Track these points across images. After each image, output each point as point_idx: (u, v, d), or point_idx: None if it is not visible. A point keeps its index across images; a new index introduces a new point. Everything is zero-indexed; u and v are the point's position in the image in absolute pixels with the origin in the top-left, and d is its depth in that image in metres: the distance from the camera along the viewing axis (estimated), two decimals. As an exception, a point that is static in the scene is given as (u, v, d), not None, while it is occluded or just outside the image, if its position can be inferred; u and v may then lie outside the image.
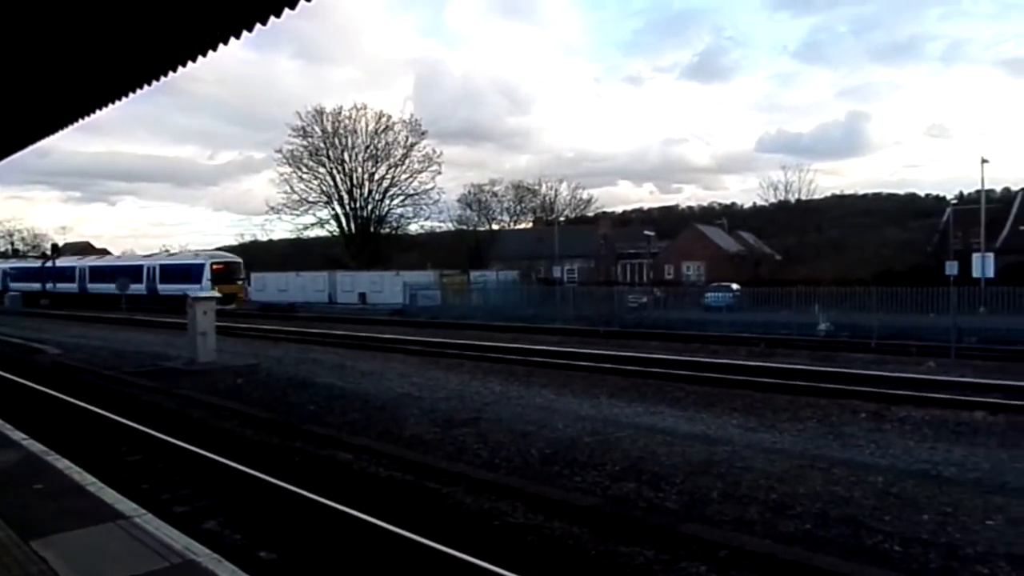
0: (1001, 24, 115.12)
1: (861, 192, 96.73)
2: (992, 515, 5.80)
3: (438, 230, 69.62)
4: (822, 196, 71.53)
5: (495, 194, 77.09)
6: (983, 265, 21.97)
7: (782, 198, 63.73)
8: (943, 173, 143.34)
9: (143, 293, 46.13)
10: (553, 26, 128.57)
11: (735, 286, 38.69)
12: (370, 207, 60.34)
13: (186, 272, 44.71)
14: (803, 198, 63.84)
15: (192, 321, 16.51)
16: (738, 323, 29.01)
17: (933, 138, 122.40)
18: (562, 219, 74.10)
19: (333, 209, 60.63)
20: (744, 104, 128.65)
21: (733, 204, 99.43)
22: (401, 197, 60.50)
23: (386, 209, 60.91)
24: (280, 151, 58.82)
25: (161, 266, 47.51)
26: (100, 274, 51.51)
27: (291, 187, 59.29)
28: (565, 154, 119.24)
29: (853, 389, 11.36)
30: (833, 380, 12.42)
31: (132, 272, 47.22)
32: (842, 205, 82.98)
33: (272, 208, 60.40)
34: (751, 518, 5.90)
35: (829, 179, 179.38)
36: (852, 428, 9.07)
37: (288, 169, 59.04)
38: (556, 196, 78.23)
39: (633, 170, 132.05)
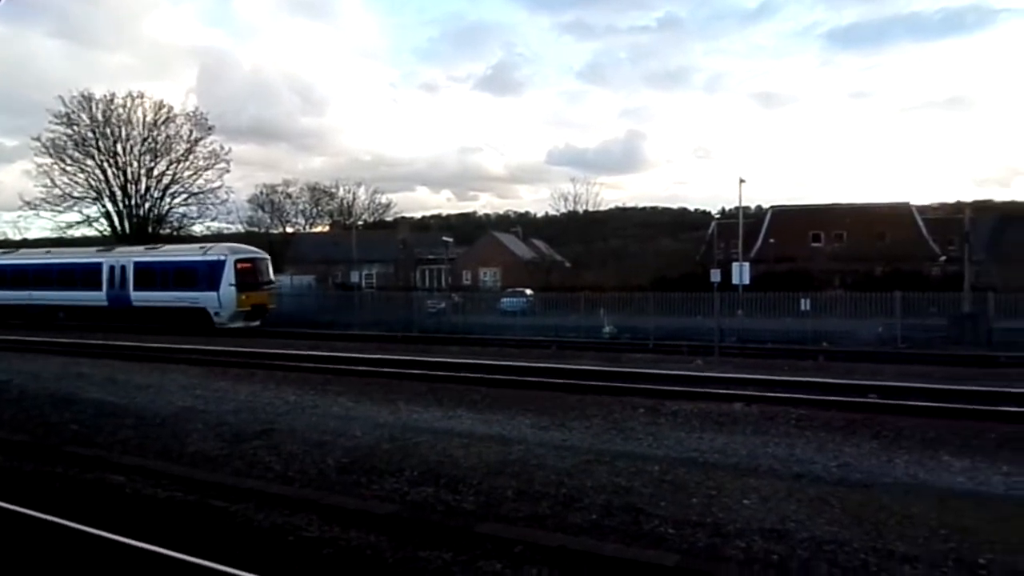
0: (752, 61, 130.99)
1: (640, 205, 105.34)
2: (748, 494, 6.52)
3: (226, 231, 65.43)
4: (607, 208, 77.07)
5: (289, 195, 74.32)
6: (740, 273, 24.73)
7: (571, 209, 67.57)
8: (709, 190, 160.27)
9: (102, 304, 31.84)
10: (349, 27, 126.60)
11: (529, 292, 40.28)
12: (148, 205, 55.35)
13: (188, 273, 30.06)
14: (590, 209, 68.27)
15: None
16: (532, 327, 30.28)
17: (699, 159, 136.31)
18: (360, 223, 72.97)
19: (104, 206, 54.78)
20: (536, 118, 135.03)
21: (527, 213, 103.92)
22: (184, 195, 56.11)
23: (167, 208, 56.19)
24: (39, 139, 51.98)
25: (140, 264, 31.52)
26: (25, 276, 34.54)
27: (52, 180, 52.48)
28: (362, 157, 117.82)
29: (633, 387, 12.27)
30: (616, 379, 13.35)
31: (81, 273, 32.62)
32: (624, 217, 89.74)
33: (28, 203, 53.20)
34: (543, 513, 6.16)
35: (612, 192, 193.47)
36: (632, 423, 9.78)
37: (48, 160, 52.21)
38: (354, 199, 77.01)
39: (431, 176, 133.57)
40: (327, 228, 75.08)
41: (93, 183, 53.95)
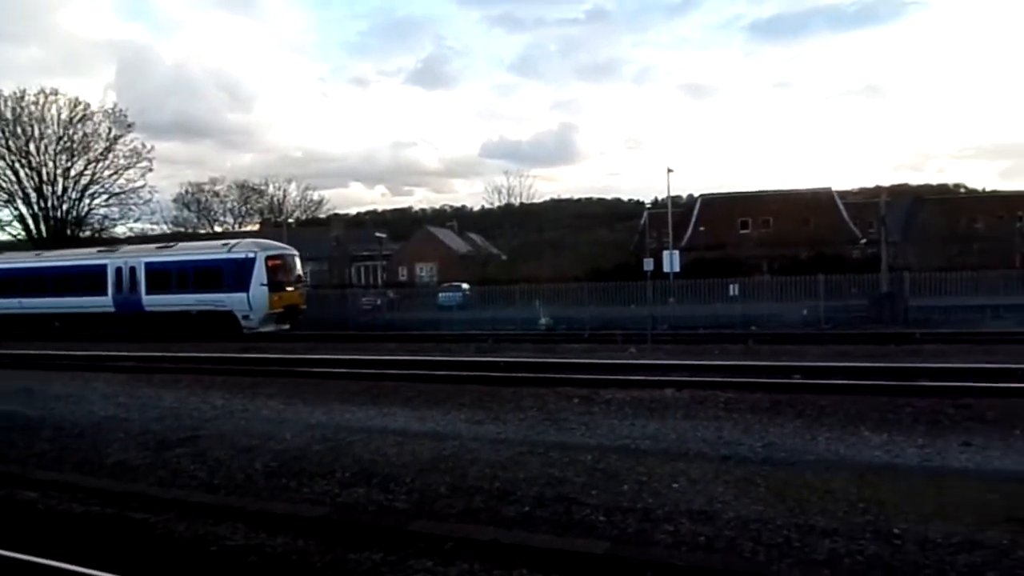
0: (679, 53, 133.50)
1: (575, 197, 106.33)
2: (678, 478, 6.64)
3: (151, 232, 63.19)
4: (542, 200, 77.60)
5: (217, 194, 72.26)
6: (671, 261, 25.27)
7: (506, 202, 67.68)
8: (641, 181, 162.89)
9: (107, 310, 28.97)
10: (275, 22, 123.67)
11: (465, 286, 40.25)
12: (65, 207, 52.84)
13: (212, 273, 27.26)
14: (525, 202, 68.48)
15: None
16: (469, 321, 30.25)
17: (630, 149, 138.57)
18: (292, 221, 71.49)
19: (16, 209, 52.07)
20: (469, 111, 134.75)
21: (463, 207, 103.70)
22: (104, 196, 53.80)
23: (86, 209, 53.77)
24: (-60, 138, 49.09)
25: (153, 265, 28.60)
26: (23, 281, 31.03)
27: (-43, 182, 49.76)
28: (293, 154, 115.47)
29: (568, 377, 12.36)
30: (551, 370, 13.42)
31: (81, 277, 29.53)
32: (559, 208, 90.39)
33: (-67, 207, 50.18)
34: (476, 507, 6.13)
35: (548, 184, 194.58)
36: (567, 413, 9.85)
37: (-48, 161, 49.44)
38: (285, 197, 75.36)
39: (365, 172, 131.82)
40: (257, 226, 73.24)
41: (4, 185, 51.22)
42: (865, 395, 10.05)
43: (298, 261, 30.16)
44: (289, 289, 28.14)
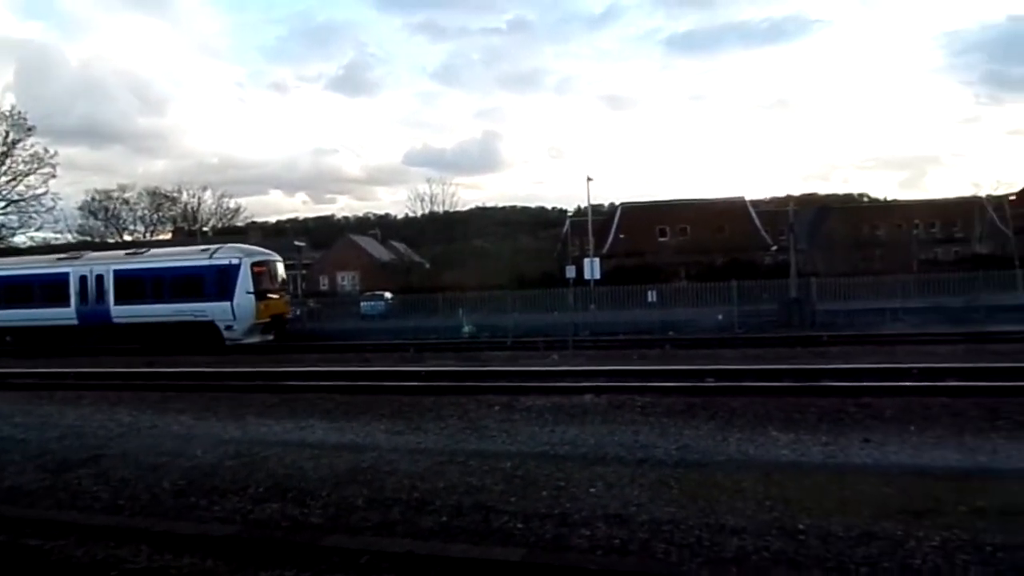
0: (599, 64, 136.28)
1: (499, 205, 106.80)
2: (595, 483, 6.72)
3: (55, 242, 60.09)
4: (466, 208, 77.63)
5: (126, 201, 69.26)
6: (592, 268, 25.67)
7: (430, 210, 67.33)
8: (565, 189, 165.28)
9: (69, 322, 26.80)
10: (189, 24, 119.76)
11: (388, 295, 39.82)
12: (-41, 216, 49.71)
13: (191, 281, 25.63)
14: (449, 210, 68.26)
15: None
16: (391, 330, 29.97)
17: (553, 158, 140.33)
18: (207, 229, 69.08)
19: (-98, 218, 48.64)
20: (392, 119, 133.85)
21: (387, 215, 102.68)
22: (3, 204, 50.91)
23: (-18, 217, 50.67)
24: None
25: (123, 272, 26.67)
26: None
27: None
28: (209, 160, 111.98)
29: (489, 385, 12.38)
30: (473, 378, 13.42)
31: (39, 287, 27.19)
32: (484, 216, 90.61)
33: None
34: (394, 519, 6.05)
35: (472, 192, 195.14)
36: (487, 421, 9.85)
37: None
38: (200, 204, 72.78)
39: (285, 179, 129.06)
40: (170, 235, 70.49)
41: None
42: (774, 396, 10.43)
43: (282, 267, 28.76)
44: (274, 297, 26.83)
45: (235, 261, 25.69)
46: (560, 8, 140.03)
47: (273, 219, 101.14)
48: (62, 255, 31.37)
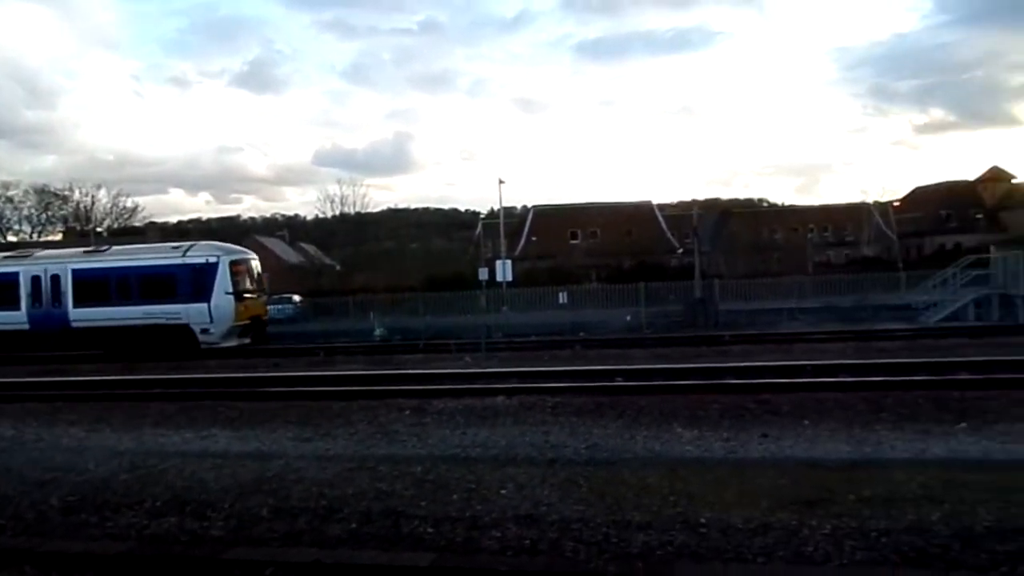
0: (511, 68, 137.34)
1: (412, 206, 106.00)
2: (506, 484, 6.75)
3: (-73, 243, 55.68)
4: (378, 210, 76.47)
5: (11, 200, 64.89)
6: (504, 271, 25.82)
7: (340, 211, 66.01)
8: (477, 191, 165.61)
9: (19, 327, 24.56)
10: (81, 13, 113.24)
11: (297, 297, 38.85)
12: None
13: (162, 281, 23.90)
14: (361, 211, 67.09)
15: None
16: (300, 334, 29.24)
17: (466, 160, 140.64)
18: (101, 229, 65.49)
19: None
20: (300, 117, 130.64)
21: (296, 216, 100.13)
22: None
23: None
24: None
25: (83, 272, 24.74)
26: None
27: None
28: (103, 157, 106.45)
29: (400, 388, 12.25)
30: (383, 382, 13.24)
31: None
32: (397, 218, 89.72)
33: None
34: (300, 529, 5.89)
35: (384, 194, 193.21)
36: (398, 425, 9.74)
37: None
38: (93, 203, 68.90)
39: (186, 178, 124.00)
40: (60, 236, 66.45)
41: None
42: (679, 394, 10.75)
43: (258, 265, 27.09)
44: (252, 297, 25.26)
45: (212, 259, 24.08)
46: (472, 11, 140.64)
47: (174, 219, 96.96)
48: (8, 253, 29.14)
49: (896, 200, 68.30)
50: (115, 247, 28.76)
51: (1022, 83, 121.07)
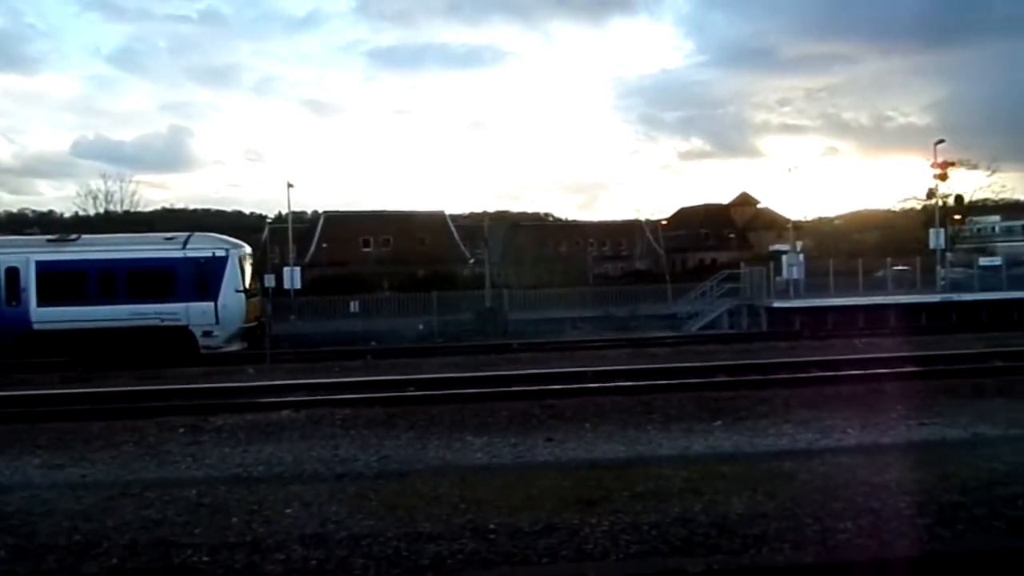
0: (301, 68, 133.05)
1: (190, 207, 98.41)
2: (291, 503, 6.43)
3: None
4: (152, 209, 70.19)
5: None
6: (292, 278, 24.82)
7: (105, 209, 59.53)
8: (263, 194, 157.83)
9: None
10: None
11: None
12: None
13: (158, 276, 20.51)
14: (130, 210, 60.98)
15: None
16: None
17: (251, 161, 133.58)
18: None
19: None
20: (56, 102, 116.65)
21: (51, 212, 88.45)
22: None
23: None
24: None
25: (48, 265, 20.12)
26: None
27: None
28: None
29: (172, 405, 11.27)
30: (154, 398, 12.09)
31: None
32: (173, 219, 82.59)
33: None
34: (49, 569, 5.19)
35: (157, 192, 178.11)
36: (170, 445, 8.95)
37: None
38: None
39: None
40: None
41: None
42: (470, 402, 10.93)
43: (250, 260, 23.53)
44: (256, 297, 22.95)
45: (220, 253, 21.04)
46: (258, 5, 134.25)
47: None
48: None
49: (664, 219, 75.46)
50: (86, 236, 24.12)
51: (764, 120, 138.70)
